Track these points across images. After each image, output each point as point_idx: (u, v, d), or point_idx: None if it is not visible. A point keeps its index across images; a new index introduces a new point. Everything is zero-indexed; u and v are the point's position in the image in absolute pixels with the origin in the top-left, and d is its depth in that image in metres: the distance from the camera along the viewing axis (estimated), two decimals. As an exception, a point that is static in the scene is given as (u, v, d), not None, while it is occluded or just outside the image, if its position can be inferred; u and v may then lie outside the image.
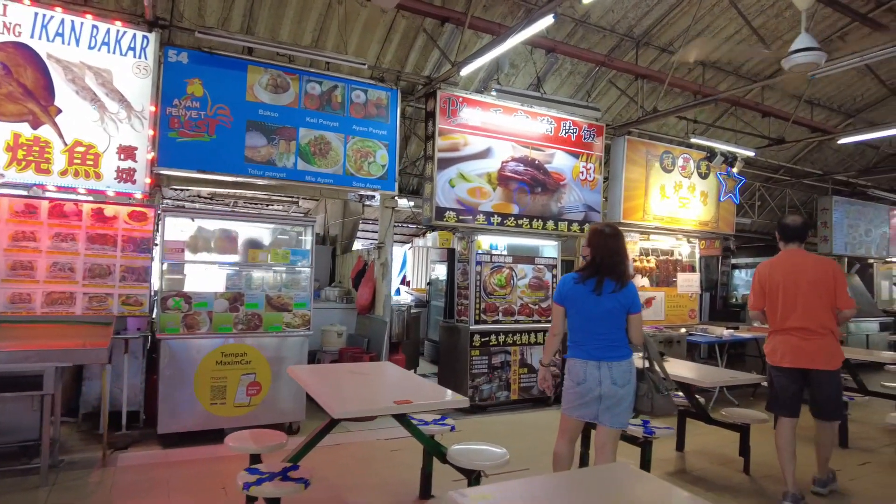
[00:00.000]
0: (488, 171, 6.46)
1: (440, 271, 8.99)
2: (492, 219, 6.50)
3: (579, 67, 7.63)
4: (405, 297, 10.97)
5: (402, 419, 3.49)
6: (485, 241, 6.67)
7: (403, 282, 12.77)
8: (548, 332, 3.62)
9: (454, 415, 6.40)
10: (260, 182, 5.42)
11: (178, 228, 5.05)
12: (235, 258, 5.28)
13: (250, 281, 5.19)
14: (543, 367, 3.57)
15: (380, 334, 6.55)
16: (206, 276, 5.22)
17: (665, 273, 8.00)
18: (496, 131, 6.52)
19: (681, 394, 4.95)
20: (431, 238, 11.04)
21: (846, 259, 12.41)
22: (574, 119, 7.06)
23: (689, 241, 8.26)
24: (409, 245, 12.55)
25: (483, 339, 6.42)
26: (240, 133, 5.25)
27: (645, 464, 4.07)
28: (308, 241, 5.41)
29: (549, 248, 7.15)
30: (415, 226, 11.73)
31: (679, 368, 4.63)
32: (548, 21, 4.32)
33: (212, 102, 5.13)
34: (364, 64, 5.52)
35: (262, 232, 5.56)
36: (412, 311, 7.64)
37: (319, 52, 5.53)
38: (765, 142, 8.81)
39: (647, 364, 3.40)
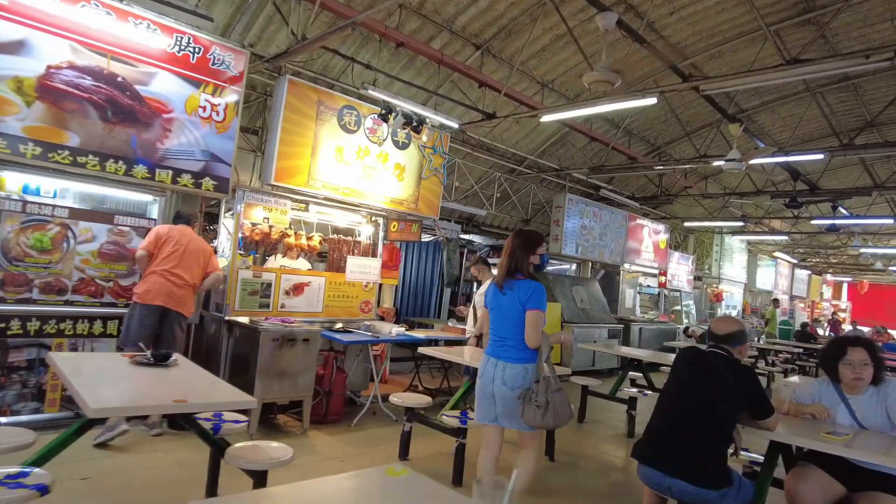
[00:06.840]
0: (18, 75, 4.33)
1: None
2: (22, 147, 4.38)
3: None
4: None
5: None
6: (18, 181, 4.56)
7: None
8: None
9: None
10: None
11: None
12: None
13: None
14: None
15: None
16: None
17: (337, 256, 6.47)
18: (42, 21, 4.42)
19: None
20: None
21: (591, 263, 12.10)
22: (197, 35, 5.22)
23: (372, 221, 6.82)
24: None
25: (-10, 325, 4.29)
26: None
27: None
28: None
29: (152, 206, 5.26)
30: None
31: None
32: None
33: None
34: None
35: None
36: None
37: None
38: (479, 116, 7.75)
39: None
